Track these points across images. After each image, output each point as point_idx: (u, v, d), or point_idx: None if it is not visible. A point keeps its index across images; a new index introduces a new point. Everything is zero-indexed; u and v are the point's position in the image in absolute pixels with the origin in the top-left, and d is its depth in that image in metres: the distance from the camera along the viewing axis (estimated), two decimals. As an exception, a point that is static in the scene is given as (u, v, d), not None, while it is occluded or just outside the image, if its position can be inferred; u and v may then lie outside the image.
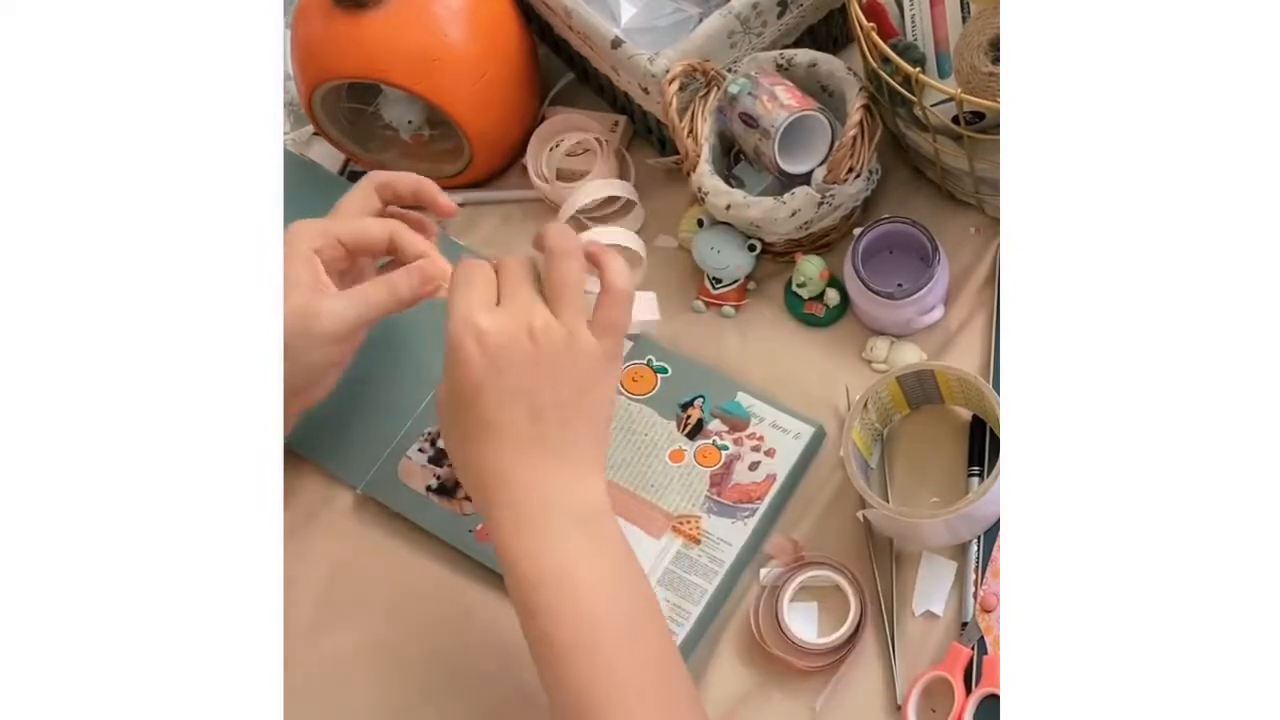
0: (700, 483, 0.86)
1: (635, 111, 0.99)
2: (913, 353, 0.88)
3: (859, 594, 0.79)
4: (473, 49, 0.94)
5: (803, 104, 0.86)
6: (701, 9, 0.95)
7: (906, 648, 0.79)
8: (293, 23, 0.97)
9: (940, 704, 0.76)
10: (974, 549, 0.80)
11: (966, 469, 0.83)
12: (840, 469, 0.82)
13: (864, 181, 0.88)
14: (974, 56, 0.83)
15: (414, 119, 1.02)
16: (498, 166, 1.02)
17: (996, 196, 0.89)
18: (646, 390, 0.90)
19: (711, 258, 0.91)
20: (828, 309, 0.91)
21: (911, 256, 0.89)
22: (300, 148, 1.08)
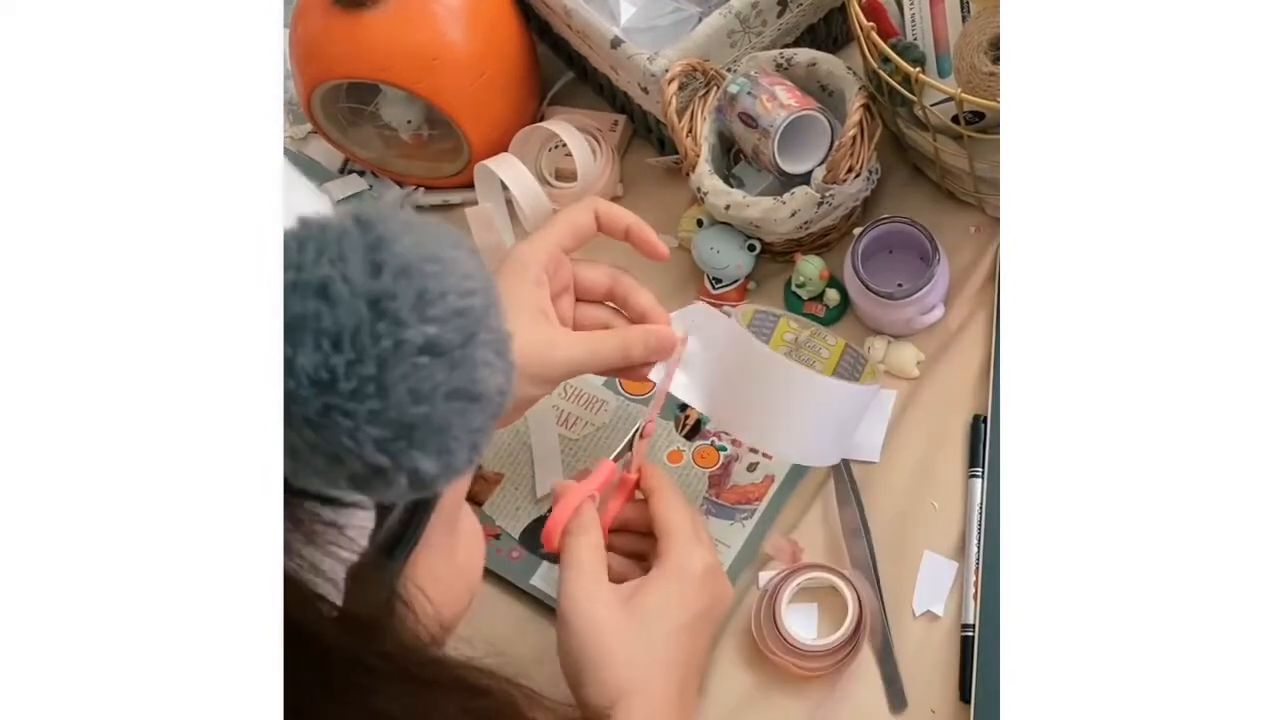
0: (698, 484, 0.86)
1: (635, 111, 0.99)
2: (911, 353, 0.87)
3: (857, 595, 0.79)
4: (472, 48, 0.94)
5: (802, 103, 0.86)
6: (701, 8, 0.95)
7: (907, 648, 0.79)
8: (292, 22, 0.97)
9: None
10: (974, 549, 0.80)
11: (966, 469, 0.83)
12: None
13: (863, 181, 0.88)
14: (974, 56, 0.83)
15: (413, 118, 1.02)
16: (497, 166, 1.02)
17: (996, 196, 0.89)
18: (644, 391, 0.90)
19: (711, 258, 0.91)
20: (828, 309, 0.91)
21: (911, 256, 0.89)
22: (298, 146, 1.08)
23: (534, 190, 0.96)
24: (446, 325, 0.49)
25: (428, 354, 0.48)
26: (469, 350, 0.49)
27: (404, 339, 0.47)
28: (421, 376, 0.48)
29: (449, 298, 0.49)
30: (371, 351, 0.47)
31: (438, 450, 0.49)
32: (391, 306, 0.47)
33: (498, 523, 0.87)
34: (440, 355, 0.48)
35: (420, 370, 0.48)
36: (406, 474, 0.49)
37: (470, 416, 0.50)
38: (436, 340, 0.48)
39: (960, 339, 0.88)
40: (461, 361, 0.49)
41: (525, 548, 0.86)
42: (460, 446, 0.50)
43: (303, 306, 0.46)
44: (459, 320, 0.49)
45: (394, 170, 1.03)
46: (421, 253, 0.49)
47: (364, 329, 0.47)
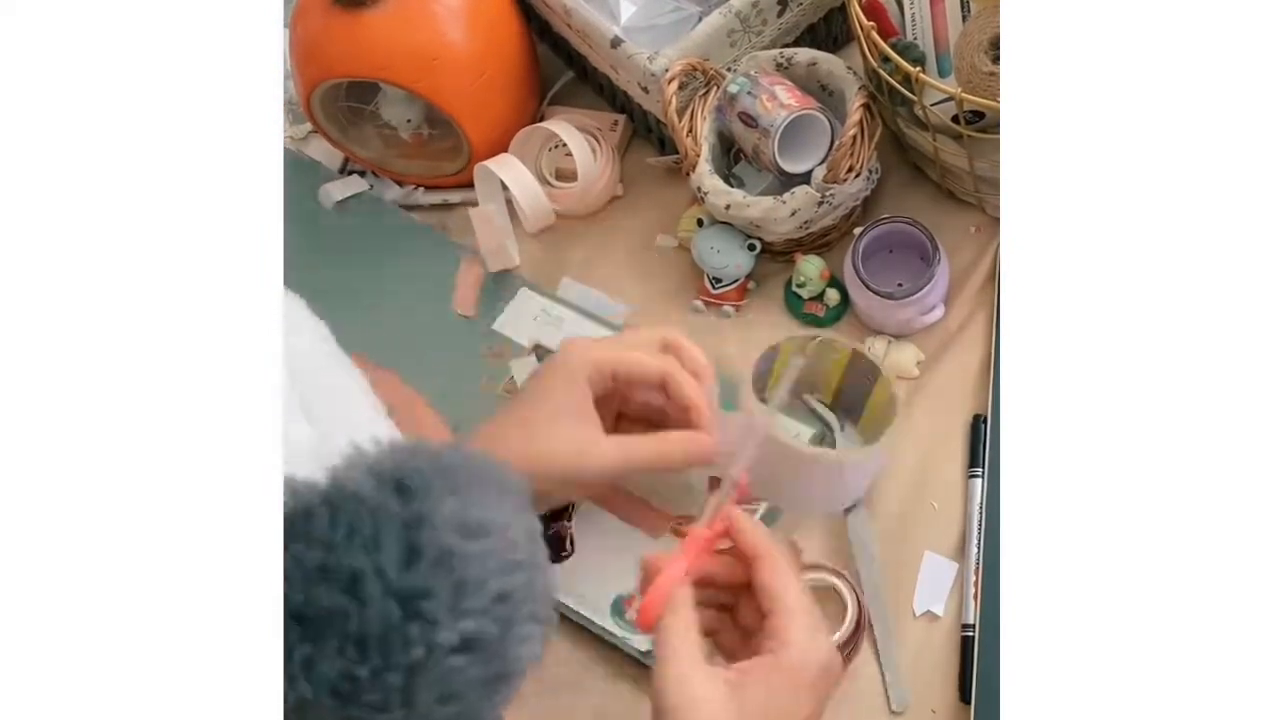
0: (700, 484, 0.86)
1: (635, 110, 0.99)
2: (911, 353, 0.87)
3: (857, 595, 0.79)
4: (472, 48, 0.94)
5: (802, 103, 0.86)
6: (701, 7, 0.95)
7: (907, 648, 0.79)
8: (292, 21, 0.97)
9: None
10: (974, 549, 0.80)
11: (966, 469, 0.83)
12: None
13: (864, 181, 0.88)
14: (974, 56, 0.83)
15: (413, 118, 1.02)
16: (497, 165, 1.02)
17: (996, 195, 0.89)
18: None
19: (711, 257, 0.91)
20: (828, 309, 0.91)
21: (911, 256, 0.89)
22: (298, 146, 1.08)
23: (534, 190, 0.96)
24: (485, 617, 0.45)
25: (463, 653, 0.44)
26: (508, 636, 0.46)
27: (437, 643, 0.44)
28: (454, 677, 0.44)
29: (490, 584, 0.45)
30: (401, 660, 0.43)
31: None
32: (427, 607, 0.43)
33: (498, 522, 0.87)
34: (477, 651, 0.45)
35: (453, 671, 0.44)
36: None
37: (502, 693, 0.46)
38: (474, 637, 0.44)
39: (960, 339, 0.88)
40: (500, 651, 0.45)
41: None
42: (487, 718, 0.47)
43: (330, 600, 0.43)
44: (499, 607, 0.45)
45: (394, 170, 1.03)
46: (464, 525, 0.45)
47: (394, 634, 0.43)
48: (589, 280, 0.96)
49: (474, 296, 0.97)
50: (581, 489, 0.75)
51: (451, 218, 1.02)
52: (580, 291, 0.96)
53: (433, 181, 1.03)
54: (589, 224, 0.99)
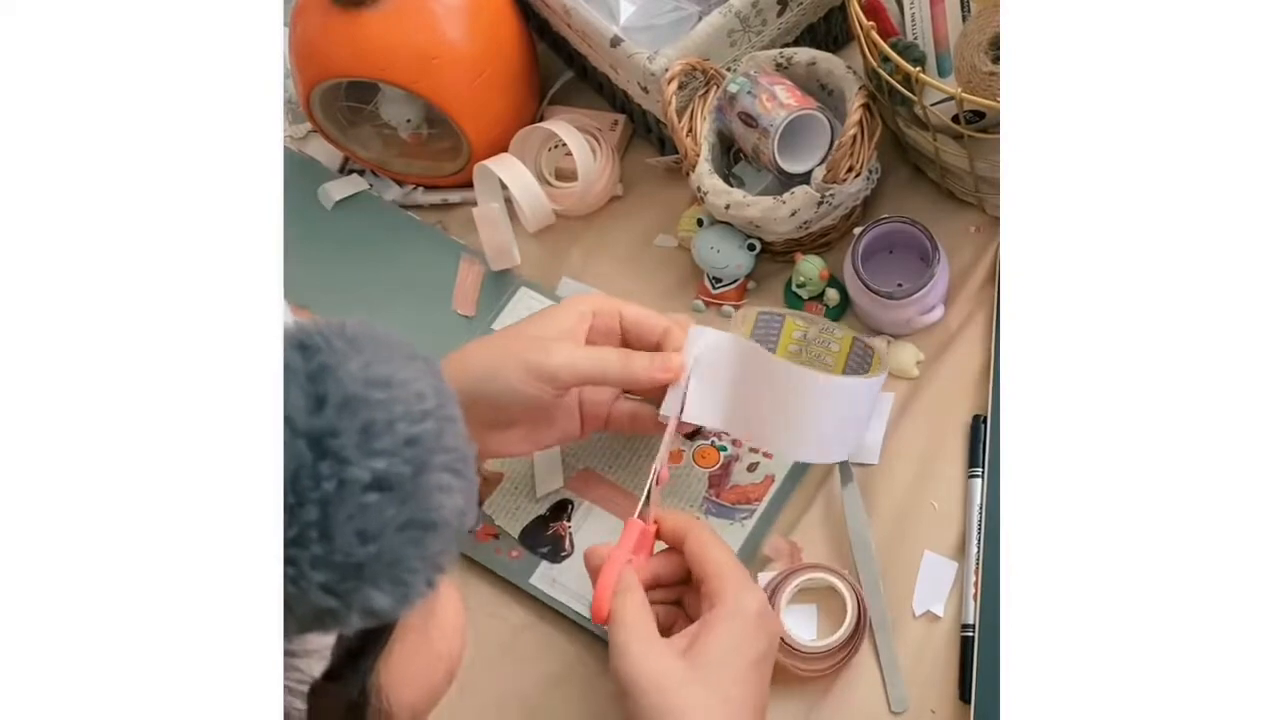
0: (698, 484, 0.86)
1: (634, 110, 0.99)
2: (911, 353, 0.87)
3: (856, 596, 0.79)
4: (471, 47, 0.94)
5: (802, 103, 0.86)
6: (701, 7, 0.95)
7: (907, 648, 0.79)
8: (291, 21, 0.96)
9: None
10: (974, 549, 0.80)
11: (966, 469, 0.83)
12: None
13: (863, 181, 0.87)
14: (974, 55, 0.83)
15: (412, 117, 1.02)
16: (496, 165, 1.02)
17: (996, 195, 0.89)
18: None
19: (711, 257, 0.91)
20: (828, 309, 0.91)
21: (911, 256, 0.88)
22: (297, 145, 1.08)
23: (534, 190, 0.96)
24: (396, 457, 0.47)
25: (376, 490, 0.46)
26: (422, 479, 0.48)
27: (348, 478, 0.46)
28: (369, 515, 0.46)
29: (398, 426, 0.47)
30: (313, 495, 0.45)
31: (392, 583, 0.47)
32: (334, 444, 0.46)
33: (497, 522, 0.87)
34: (390, 490, 0.47)
35: (368, 508, 0.46)
36: (359, 612, 0.47)
37: (427, 544, 0.48)
38: (385, 475, 0.46)
39: (960, 339, 0.88)
40: (414, 493, 0.47)
41: (525, 547, 0.86)
42: (417, 576, 0.48)
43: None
44: (410, 450, 0.47)
45: (393, 169, 1.03)
46: (369, 377, 0.48)
47: (305, 471, 0.45)
48: (589, 280, 0.96)
49: (474, 296, 0.97)
50: (549, 384, 0.76)
51: (451, 217, 1.02)
52: (580, 291, 0.96)
53: (432, 181, 1.03)
54: (589, 224, 0.99)
